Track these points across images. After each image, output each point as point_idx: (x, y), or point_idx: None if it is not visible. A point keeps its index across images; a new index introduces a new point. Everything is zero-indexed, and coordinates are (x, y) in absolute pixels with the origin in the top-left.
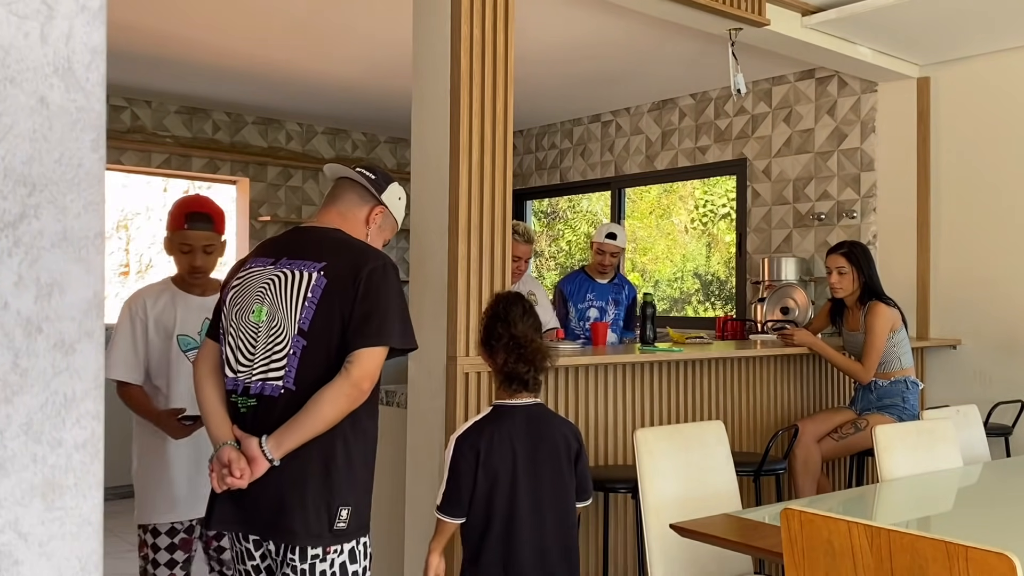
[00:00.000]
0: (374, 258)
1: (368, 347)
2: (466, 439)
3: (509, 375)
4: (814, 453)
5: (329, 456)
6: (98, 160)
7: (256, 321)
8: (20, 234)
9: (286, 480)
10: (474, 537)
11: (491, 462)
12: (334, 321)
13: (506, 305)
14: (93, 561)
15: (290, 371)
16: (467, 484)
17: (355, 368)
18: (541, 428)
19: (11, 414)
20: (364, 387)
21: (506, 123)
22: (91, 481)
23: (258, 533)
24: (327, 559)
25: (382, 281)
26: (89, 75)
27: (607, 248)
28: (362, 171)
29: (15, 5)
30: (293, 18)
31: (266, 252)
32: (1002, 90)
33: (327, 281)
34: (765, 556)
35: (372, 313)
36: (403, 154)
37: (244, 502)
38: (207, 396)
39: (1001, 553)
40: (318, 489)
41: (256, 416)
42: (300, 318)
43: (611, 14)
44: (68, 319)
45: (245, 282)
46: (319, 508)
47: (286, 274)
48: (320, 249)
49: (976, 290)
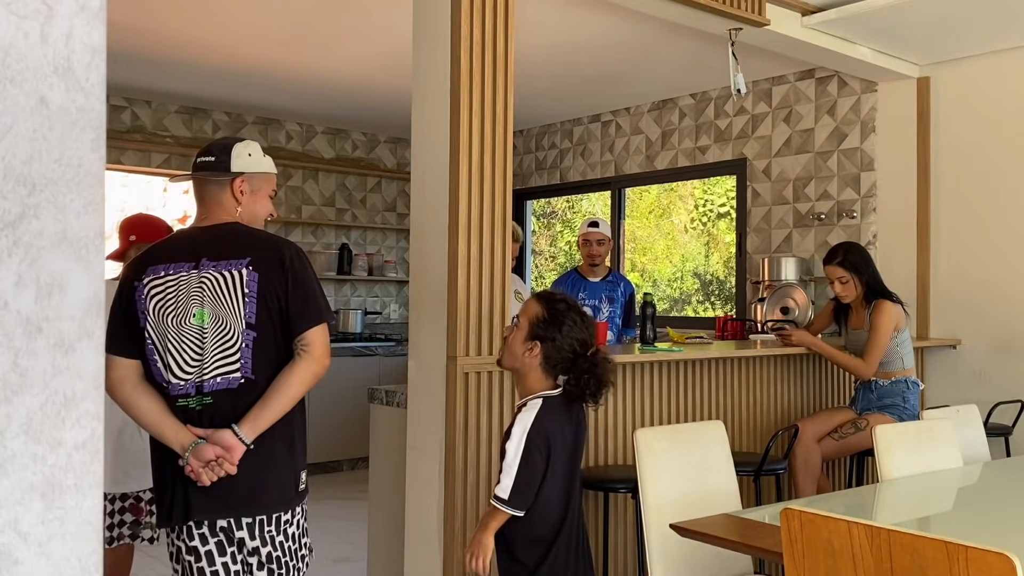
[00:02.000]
0: (288, 245)
1: (314, 326)
2: (537, 432)
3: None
4: (814, 453)
5: (290, 429)
6: (98, 160)
7: (199, 324)
8: (20, 234)
9: (258, 459)
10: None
11: (555, 454)
12: (273, 310)
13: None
14: (93, 561)
15: (246, 362)
16: (538, 476)
17: (316, 348)
18: (574, 413)
19: (11, 414)
20: (326, 363)
21: (506, 123)
22: (91, 481)
23: (238, 514)
24: (293, 521)
25: (303, 264)
26: (89, 75)
27: (592, 237)
28: (202, 160)
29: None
30: (293, 18)
31: (175, 257)
32: (1002, 90)
33: (258, 275)
34: (765, 556)
35: (308, 297)
36: (403, 154)
37: (218, 490)
38: (149, 408)
39: (1001, 553)
40: (285, 460)
41: (213, 411)
42: (245, 313)
43: (611, 14)
44: (68, 319)
45: (168, 289)
46: (288, 476)
47: (217, 276)
48: (235, 246)
49: (976, 290)
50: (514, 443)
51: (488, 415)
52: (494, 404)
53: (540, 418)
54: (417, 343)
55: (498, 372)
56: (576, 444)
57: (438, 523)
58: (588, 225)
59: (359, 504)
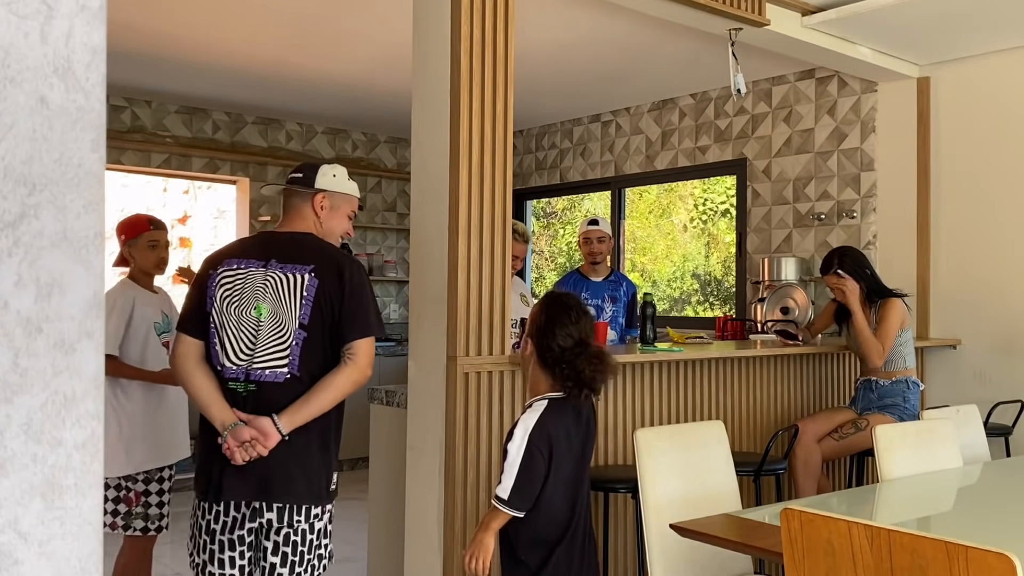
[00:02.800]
0: (351, 261)
1: (362, 338)
2: (539, 433)
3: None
4: (814, 453)
5: (327, 430)
6: (98, 160)
7: (257, 316)
8: (20, 234)
9: (291, 452)
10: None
11: (557, 455)
12: (326, 315)
13: (579, 311)
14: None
15: (294, 360)
16: (539, 478)
17: (361, 357)
18: (582, 415)
19: (11, 414)
20: (368, 373)
21: (506, 123)
22: (91, 481)
23: (267, 499)
24: (323, 518)
25: (362, 280)
26: (89, 75)
27: (592, 234)
28: (292, 176)
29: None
30: (293, 18)
31: (249, 254)
32: (1002, 90)
33: (318, 282)
34: (765, 556)
35: (359, 308)
36: (403, 154)
37: (250, 474)
38: (202, 385)
39: (1001, 553)
40: (319, 457)
41: (257, 399)
42: (300, 314)
43: (611, 14)
44: (68, 319)
45: (236, 282)
46: (319, 474)
47: (282, 276)
48: (304, 253)
49: (976, 290)
50: (516, 443)
51: (488, 415)
52: (494, 404)
53: (543, 419)
54: (417, 343)
55: (498, 372)
56: (584, 448)
57: (438, 523)
58: (588, 223)
59: (359, 504)
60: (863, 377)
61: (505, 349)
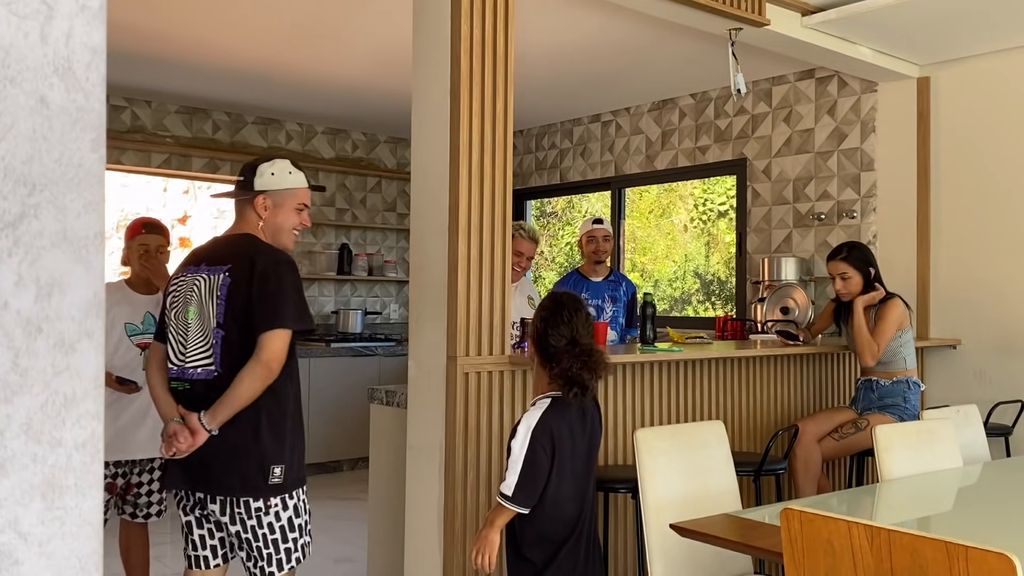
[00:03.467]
0: (269, 255)
1: (269, 331)
2: (542, 430)
3: (571, 380)
4: (814, 453)
5: (256, 423)
6: (98, 160)
7: (188, 320)
8: (20, 234)
9: (223, 446)
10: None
11: (560, 453)
12: (238, 312)
13: (572, 310)
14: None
15: (216, 358)
16: (543, 474)
17: (263, 351)
18: (587, 414)
19: (11, 414)
20: (273, 367)
21: (506, 123)
22: (91, 481)
23: (203, 491)
24: (270, 512)
25: (273, 273)
26: (89, 75)
27: (597, 233)
28: (236, 179)
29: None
30: (293, 18)
31: (192, 261)
32: (1002, 90)
33: (231, 280)
34: (765, 556)
35: (267, 301)
36: (403, 154)
37: (190, 466)
38: (155, 385)
39: (1001, 553)
40: (250, 451)
41: (192, 396)
42: (216, 313)
43: (611, 14)
44: (68, 319)
45: (178, 289)
46: (252, 466)
47: (206, 278)
48: (227, 253)
49: (976, 290)
50: (519, 440)
51: (488, 415)
52: (494, 404)
53: (546, 417)
54: (417, 343)
55: (498, 372)
56: (589, 447)
57: (438, 523)
58: (592, 222)
59: (359, 504)
60: (863, 377)
61: (505, 349)
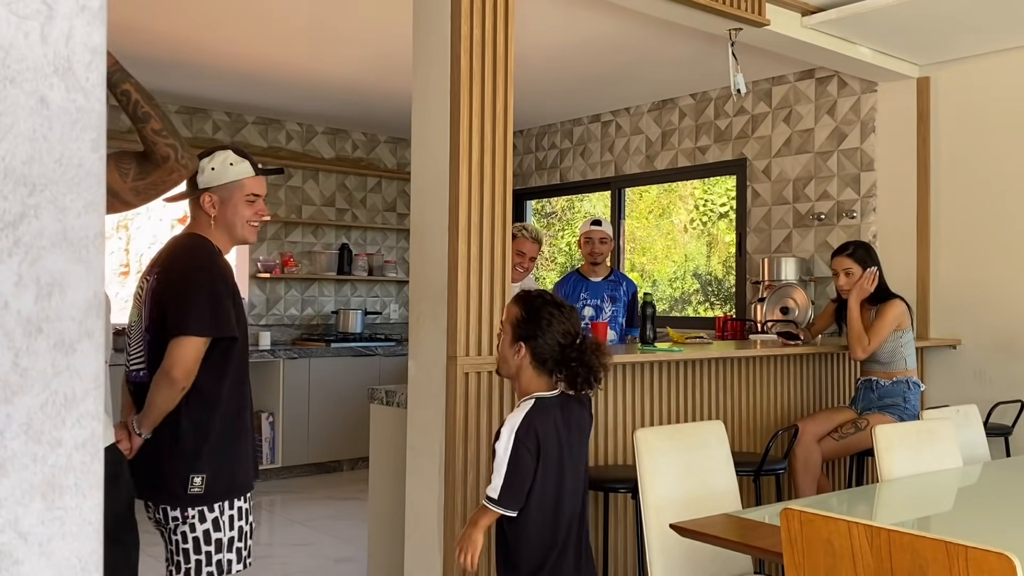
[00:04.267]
0: (189, 258)
1: (175, 338)
2: (526, 431)
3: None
4: (814, 453)
5: (175, 431)
6: (98, 160)
7: (133, 323)
8: (20, 234)
9: (151, 451)
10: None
11: (545, 453)
12: (156, 317)
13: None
14: (93, 561)
15: (146, 362)
16: (528, 475)
17: (167, 359)
18: (572, 415)
19: (11, 414)
20: (174, 375)
21: (506, 123)
22: (91, 481)
23: (143, 496)
24: (186, 522)
25: (181, 279)
26: (89, 75)
27: (594, 235)
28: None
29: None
30: (293, 18)
31: (150, 263)
32: (1002, 90)
33: (156, 284)
34: (765, 556)
35: (175, 308)
36: (403, 154)
37: (134, 469)
38: (123, 387)
39: (1001, 553)
40: (170, 458)
41: (136, 398)
42: (145, 317)
43: (611, 14)
44: (68, 319)
45: (136, 291)
46: (171, 475)
47: (146, 281)
48: (162, 256)
49: (976, 290)
50: (503, 442)
51: (488, 415)
52: (494, 404)
53: (530, 417)
54: (417, 343)
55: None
56: (576, 448)
57: (438, 523)
58: (591, 223)
59: (359, 504)
60: (863, 377)
61: None
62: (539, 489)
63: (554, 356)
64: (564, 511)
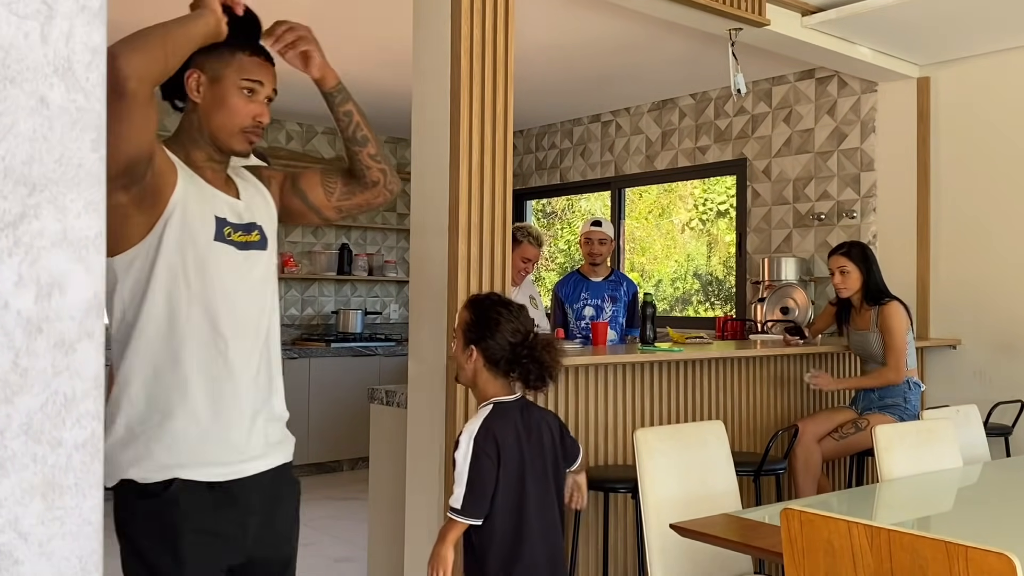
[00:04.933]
0: None
1: None
2: (484, 437)
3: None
4: (815, 453)
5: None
6: (98, 160)
7: None
8: (20, 234)
9: None
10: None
11: (506, 458)
12: None
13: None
14: (93, 561)
15: None
16: (490, 483)
17: None
18: (532, 420)
19: (11, 414)
20: None
21: (506, 123)
22: (91, 481)
23: None
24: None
25: None
26: (89, 75)
27: (594, 236)
28: None
29: (15, 5)
30: (293, 18)
31: None
32: (1002, 90)
33: None
34: (765, 556)
35: None
36: (403, 154)
37: None
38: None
39: (1001, 553)
40: None
41: None
42: None
43: (611, 14)
44: (68, 319)
45: None
46: None
47: None
48: None
49: (976, 290)
50: (462, 451)
51: None
52: None
53: (488, 423)
54: (417, 343)
55: None
56: (537, 453)
57: (438, 523)
58: (591, 224)
59: (359, 504)
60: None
61: None
62: (502, 495)
63: (506, 356)
64: (528, 519)
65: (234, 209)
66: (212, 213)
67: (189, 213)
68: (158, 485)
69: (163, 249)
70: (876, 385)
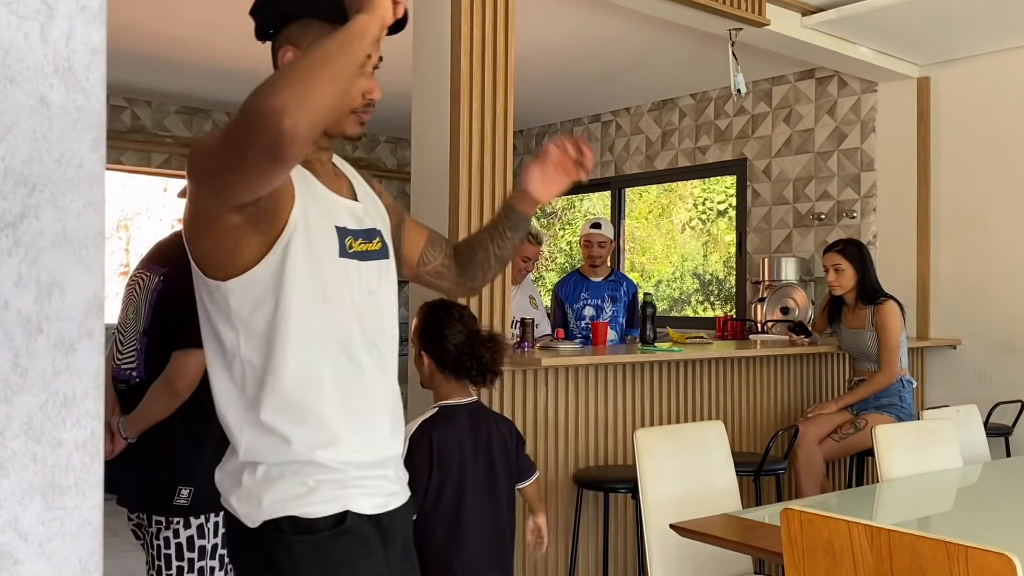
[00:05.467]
0: None
1: (182, 349)
2: (419, 439)
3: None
4: (816, 455)
5: (169, 441)
6: (98, 160)
7: (128, 318)
8: (20, 234)
9: (137, 457)
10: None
11: (442, 459)
12: (161, 323)
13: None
14: (93, 561)
15: (140, 364)
16: (422, 479)
17: (171, 370)
18: (481, 427)
19: (11, 414)
20: (178, 387)
21: (506, 123)
22: (91, 481)
23: (118, 497)
24: (170, 528)
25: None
26: (89, 75)
27: (593, 238)
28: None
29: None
30: None
31: (147, 255)
32: (1002, 90)
33: (164, 287)
34: (765, 556)
35: (186, 319)
36: (403, 154)
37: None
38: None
39: (1001, 553)
40: (161, 469)
41: (127, 398)
42: (144, 318)
43: (611, 14)
44: (68, 319)
45: (130, 284)
46: (161, 485)
47: (145, 277)
48: (166, 252)
49: (976, 290)
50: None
51: None
52: (494, 404)
53: (426, 425)
54: None
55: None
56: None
57: None
58: (591, 226)
59: None
60: (858, 377)
61: None
62: (437, 498)
63: (452, 357)
64: (466, 526)
65: (353, 213)
66: (333, 224)
67: (312, 228)
68: (327, 520)
69: (287, 273)
70: (873, 393)
